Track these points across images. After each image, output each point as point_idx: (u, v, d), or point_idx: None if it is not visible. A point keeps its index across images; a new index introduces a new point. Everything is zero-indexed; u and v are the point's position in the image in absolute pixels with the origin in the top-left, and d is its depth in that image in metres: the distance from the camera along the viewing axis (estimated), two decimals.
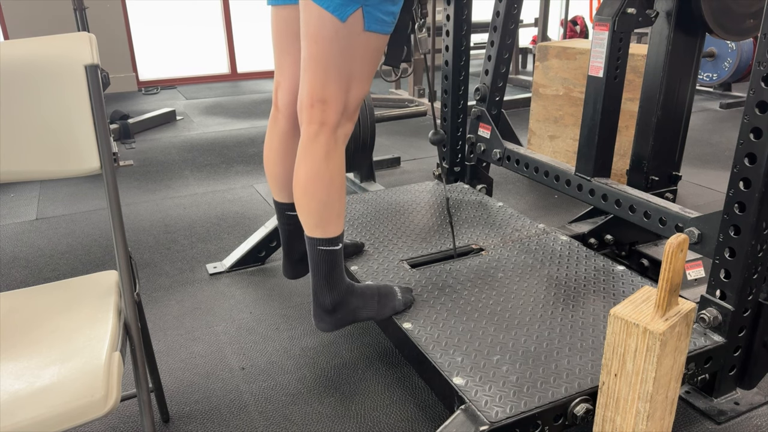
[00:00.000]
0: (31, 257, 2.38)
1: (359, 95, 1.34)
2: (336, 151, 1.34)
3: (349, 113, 1.34)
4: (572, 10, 6.24)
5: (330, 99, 1.29)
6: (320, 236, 1.36)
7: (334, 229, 1.37)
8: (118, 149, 3.76)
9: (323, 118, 1.30)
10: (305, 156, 1.33)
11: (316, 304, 1.42)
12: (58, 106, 1.10)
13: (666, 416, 1.17)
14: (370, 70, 1.34)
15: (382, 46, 1.33)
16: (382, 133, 4.07)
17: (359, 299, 1.45)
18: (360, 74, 1.31)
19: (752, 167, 1.31)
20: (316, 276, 1.40)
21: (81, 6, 3.77)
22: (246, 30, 6.16)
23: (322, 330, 1.45)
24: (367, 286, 1.49)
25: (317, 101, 1.30)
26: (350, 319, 1.46)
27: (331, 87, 1.29)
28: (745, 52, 4.71)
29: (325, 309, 1.42)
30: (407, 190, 2.32)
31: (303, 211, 1.36)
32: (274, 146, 1.58)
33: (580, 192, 1.94)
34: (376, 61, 1.34)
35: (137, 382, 1.10)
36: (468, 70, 2.28)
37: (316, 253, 1.37)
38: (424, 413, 1.51)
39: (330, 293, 1.40)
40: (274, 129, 1.57)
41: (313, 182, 1.32)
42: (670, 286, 1.05)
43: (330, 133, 1.32)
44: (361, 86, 1.33)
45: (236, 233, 2.56)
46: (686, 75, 1.94)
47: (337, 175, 1.34)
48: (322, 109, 1.30)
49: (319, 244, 1.36)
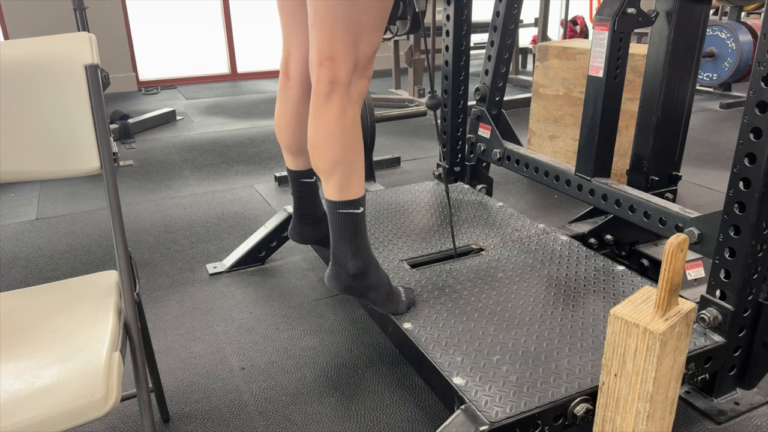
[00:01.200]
0: (31, 257, 2.38)
1: (370, 49, 1.29)
2: (350, 110, 1.30)
3: (361, 69, 1.29)
4: (572, 10, 6.24)
5: (338, 55, 1.26)
6: (339, 198, 1.32)
7: (355, 191, 1.32)
8: (118, 149, 3.76)
9: (333, 76, 1.27)
10: (318, 116, 1.29)
11: (336, 264, 1.38)
12: (58, 106, 1.10)
13: (666, 416, 1.17)
14: (378, 23, 1.29)
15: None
16: (382, 133, 4.07)
17: (377, 278, 1.43)
18: (368, 27, 1.27)
19: (752, 167, 1.31)
20: (339, 241, 1.36)
21: (81, 6, 3.77)
22: (246, 30, 6.17)
23: (332, 287, 1.41)
24: (385, 274, 1.48)
25: (326, 59, 1.26)
26: (360, 293, 1.43)
27: (338, 43, 1.25)
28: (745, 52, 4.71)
29: (347, 272, 1.38)
30: (407, 190, 2.32)
31: (320, 172, 1.32)
32: (286, 115, 1.54)
33: (580, 192, 1.94)
34: (383, 12, 1.29)
35: (137, 382, 1.10)
36: (468, 70, 2.28)
37: (338, 217, 1.33)
38: (424, 413, 1.51)
39: (354, 258, 1.36)
40: (286, 97, 1.53)
41: (328, 142, 1.29)
42: (670, 286, 1.05)
43: (343, 91, 1.28)
44: (370, 40, 1.29)
45: (236, 233, 2.56)
46: (686, 75, 1.94)
47: (353, 134, 1.30)
48: (331, 66, 1.26)
49: (340, 207, 1.32)
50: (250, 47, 6.25)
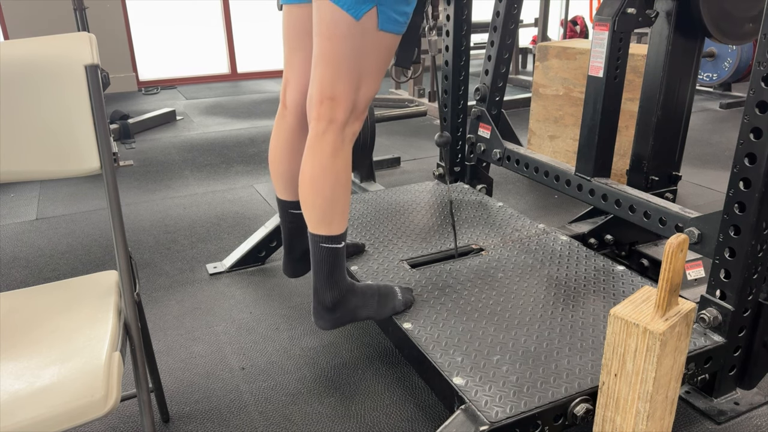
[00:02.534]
0: (31, 257, 2.38)
1: (369, 94, 1.34)
2: (343, 150, 1.34)
3: (357, 112, 1.34)
4: (572, 10, 6.24)
5: (339, 97, 1.29)
6: (323, 233, 1.36)
7: (338, 227, 1.36)
8: (118, 149, 3.74)
9: (332, 116, 1.31)
10: (313, 153, 1.33)
11: (316, 301, 1.42)
12: (58, 106, 1.10)
13: (666, 416, 1.17)
14: (381, 70, 1.34)
15: (393, 46, 1.33)
16: (382, 133, 4.07)
17: (359, 298, 1.45)
18: (370, 73, 1.31)
19: (752, 167, 1.31)
20: (317, 274, 1.40)
21: (81, 6, 3.77)
22: (246, 30, 6.16)
23: (322, 328, 1.45)
24: (368, 286, 1.49)
25: (327, 98, 1.30)
26: (350, 318, 1.46)
27: (341, 85, 1.29)
28: (745, 52, 4.71)
29: (326, 307, 1.41)
30: (407, 190, 2.32)
31: (308, 207, 1.36)
32: (281, 144, 1.57)
33: (580, 192, 1.94)
34: (387, 60, 1.34)
35: (137, 382, 1.10)
36: (468, 70, 2.28)
37: (319, 250, 1.37)
38: (424, 413, 1.51)
39: (331, 291, 1.40)
40: (281, 126, 1.57)
41: (319, 179, 1.32)
42: (670, 286, 1.05)
43: (338, 131, 1.32)
44: (371, 85, 1.33)
45: (236, 233, 2.56)
46: (686, 75, 1.94)
47: (343, 173, 1.34)
48: (331, 106, 1.30)
49: (322, 241, 1.36)
50: (250, 47, 6.25)
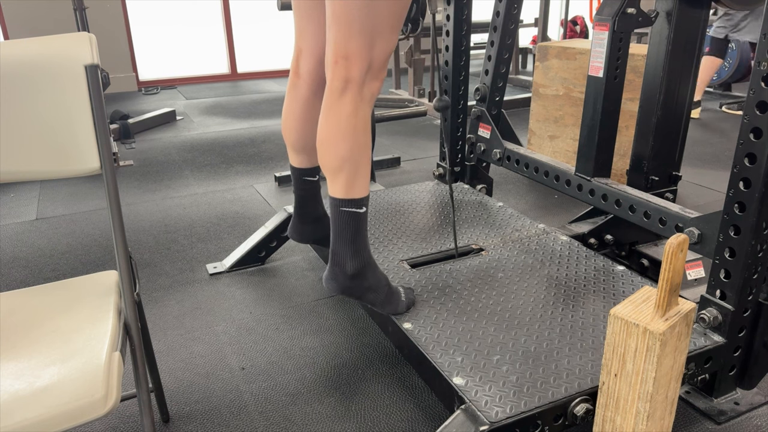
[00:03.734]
0: (31, 257, 2.38)
1: (384, 51, 1.31)
2: (362, 109, 1.31)
3: (374, 70, 1.31)
4: (572, 10, 6.24)
5: (353, 55, 1.28)
6: (343, 196, 1.33)
7: (360, 190, 1.33)
8: (118, 149, 3.76)
9: (347, 75, 1.29)
10: (330, 113, 1.31)
11: (335, 264, 1.38)
12: (58, 106, 1.10)
13: (666, 416, 1.17)
14: (395, 26, 1.31)
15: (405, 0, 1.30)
16: (382, 133, 4.07)
17: (375, 279, 1.43)
18: (384, 29, 1.29)
19: (752, 167, 1.31)
20: (339, 240, 1.36)
21: (81, 6, 3.77)
22: (246, 30, 6.16)
23: (330, 289, 1.42)
24: (383, 274, 1.48)
25: (341, 57, 1.28)
26: (358, 294, 1.43)
27: (354, 43, 1.27)
28: (745, 52, 4.71)
29: (345, 273, 1.38)
30: (407, 190, 2.32)
31: (327, 169, 1.33)
32: (294, 112, 1.55)
33: (580, 192, 1.94)
34: (399, 15, 1.31)
35: (137, 382, 1.10)
36: (468, 70, 2.28)
37: (340, 215, 1.34)
38: (424, 413, 1.51)
39: (352, 259, 1.37)
40: (294, 96, 1.55)
41: (337, 138, 1.30)
42: (670, 286, 1.05)
43: (356, 90, 1.30)
44: (385, 42, 1.31)
45: (236, 233, 2.56)
46: (686, 75, 1.94)
47: (363, 134, 1.32)
48: (346, 65, 1.28)
49: (343, 205, 1.33)
50: (250, 47, 6.25)
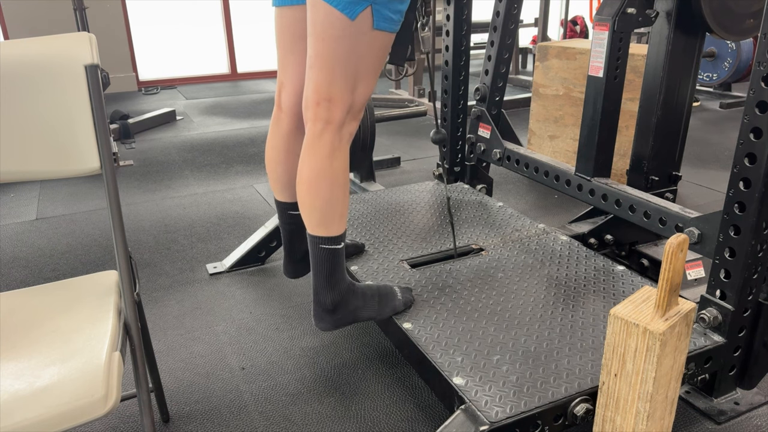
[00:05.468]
0: (31, 257, 2.38)
1: (365, 94, 1.33)
2: (340, 150, 1.33)
3: (354, 112, 1.33)
4: (572, 10, 6.24)
5: (336, 97, 1.29)
6: (323, 234, 1.35)
7: (337, 228, 1.36)
8: (118, 149, 3.76)
9: (328, 117, 1.30)
10: (310, 154, 1.33)
11: (316, 303, 1.42)
12: (58, 106, 1.10)
13: (666, 416, 1.17)
14: (377, 69, 1.33)
15: (388, 44, 1.33)
16: (382, 133, 4.07)
17: (360, 299, 1.45)
18: (366, 73, 1.31)
19: (752, 167, 1.30)
20: (317, 275, 1.40)
21: (81, 6, 3.77)
22: (246, 30, 6.16)
23: (322, 329, 1.45)
24: (368, 286, 1.49)
25: (323, 99, 1.30)
26: (350, 319, 1.46)
27: (337, 85, 1.29)
28: (745, 52, 4.71)
29: (326, 308, 1.41)
30: (407, 190, 2.32)
31: (306, 208, 1.35)
32: (277, 146, 1.57)
33: (580, 192, 1.94)
34: (382, 59, 1.34)
35: (137, 382, 1.10)
36: (468, 70, 2.28)
37: (318, 251, 1.37)
38: (424, 413, 1.51)
39: (331, 292, 1.40)
40: (277, 129, 1.57)
41: (317, 180, 1.32)
42: (670, 286, 1.05)
43: (335, 131, 1.32)
44: (367, 85, 1.33)
45: (236, 233, 2.56)
46: (686, 75, 1.94)
47: (341, 174, 1.34)
48: (328, 107, 1.30)
49: (321, 242, 1.36)
50: (250, 47, 6.25)
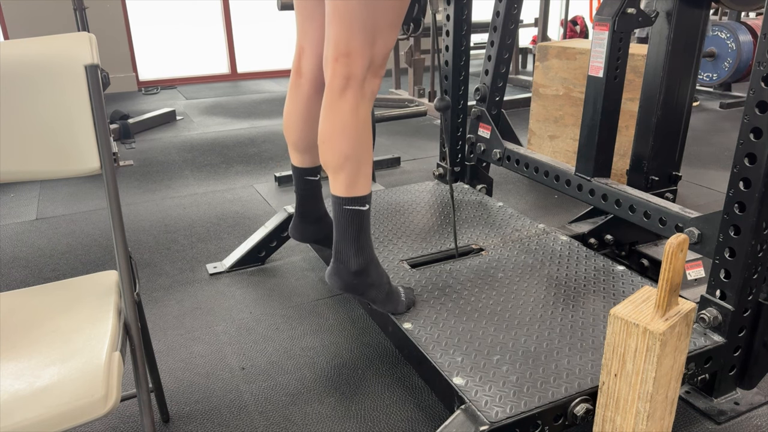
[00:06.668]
0: (31, 257, 2.38)
1: (385, 48, 1.31)
2: (363, 106, 1.31)
3: (375, 67, 1.31)
4: (572, 10, 6.24)
5: (355, 52, 1.27)
6: (346, 194, 1.32)
7: (362, 188, 1.33)
8: (118, 149, 3.76)
9: (348, 72, 1.28)
10: (331, 110, 1.30)
11: (338, 261, 1.39)
12: (58, 106, 1.10)
13: (666, 416, 1.17)
14: (395, 23, 1.31)
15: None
16: (382, 133, 4.07)
17: (377, 276, 1.44)
18: (385, 26, 1.29)
19: (752, 167, 1.31)
20: (342, 238, 1.36)
21: (81, 6, 3.77)
22: (246, 30, 6.16)
23: (332, 285, 1.42)
24: (385, 272, 1.48)
25: (342, 55, 1.28)
26: (361, 290, 1.43)
27: (355, 40, 1.27)
28: (745, 52, 4.71)
29: (349, 270, 1.39)
30: (407, 190, 2.32)
31: (328, 166, 1.33)
32: (296, 111, 1.55)
33: (580, 192, 1.94)
34: (400, 12, 1.31)
35: (137, 382, 1.10)
36: (468, 70, 2.28)
37: (343, 213, 1.34)
38: (424, 413, 1.51)
39: (356, 256, 1.37)
40: (296, 95, 1.54)
41: (340, 137, 1.29)
42: (670, 286, 1.05)
43: (357, 87, 1.29)
44: (386, 39, 1.30)
45: (236, 233, 2.56)
46: (686, 75, 1.94)
47: (364, 131, 1.31)
48: (347, 63, 1.28)
49: (346, 203, 1.33)
50: (250, 47, 6.25)
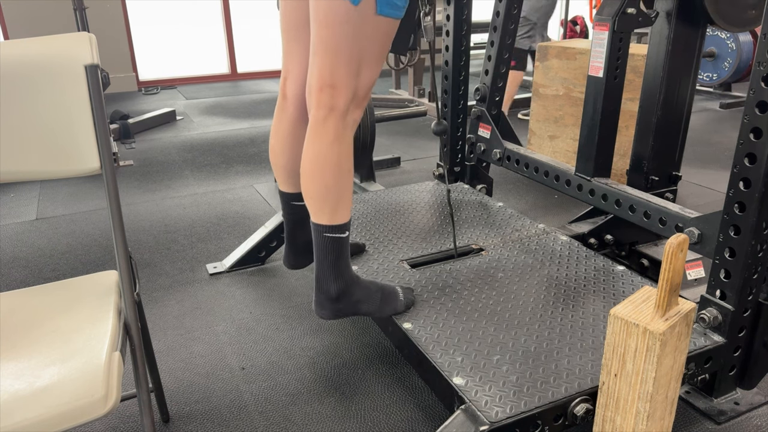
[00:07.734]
0: (31, 257, 2.38)
1: (369, 80, 1.32)
2: (344, 137, 1.32)
3: (358, 99, 1.32)
4: (572, 10, 6.23)
5: (339, 84, 1.28)
6: (327, 223, 1.34)
7: (341, 216, 1.35)
8: (118, 149, 3.76)
9: (332, 103, 1.29)
10: (313, 140, 1.32)
11: (319, 291, 1.40)
12: (58, 106, 1.10)
13: (666, 416, 1.17)
14: (381, 56, 1.32)
15: (392, 31, 1.31)
16: (382, 133, 4.07)
17: (363, 292, 1.44)
18: (370, 59, 1.30)
19: (752, 167, 1.30)
20: (321, 264, 1.38)
21: (81, 6, 3.78)
22: (246, 30, 6.16)
23: (322, 317, 1.43)
24: (372, 282, 1.48)
25: (326, 86, 1.28)
26: (351, 311, 1.44)
27: (340, 72, 1.27)
28: (745, 52, 4.71)
29: (330, 297, 1.40)
30: (407, 190, 2.32)
31: (310, 196, 1.34)
32: (282, 135, 1.56)
33: (580, 192, 1.94)
34: (386, 46, 1.32)
35: (137, 382, 1.10)
36: (468, 70, 2.28)
37: (322, 240, 1.35)
38: (424, 413, 1.51)
39: (335, 282, 1.38)
40: (282, 118, 1.55)
41: (321, 167, 1.31)
42: (670, 286, 1.05)
43: (339, 118, 1.30)
44: (371, 71, 1.31)
45: (236, 233, 2.56)
46: (686, 75, 1.94)
47: (345, 161, 1.33)
48: (332, 94, 1.28)
49: (326, 231, 1.34)
50: (250, 47, 6.25)
